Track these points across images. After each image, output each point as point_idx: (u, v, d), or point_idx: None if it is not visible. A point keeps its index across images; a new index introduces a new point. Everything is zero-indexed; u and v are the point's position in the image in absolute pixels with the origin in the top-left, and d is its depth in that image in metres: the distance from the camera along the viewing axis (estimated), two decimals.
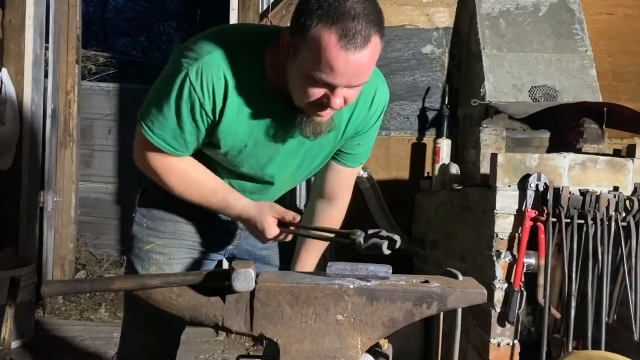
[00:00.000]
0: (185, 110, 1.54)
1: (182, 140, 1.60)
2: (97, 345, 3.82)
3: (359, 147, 1.77)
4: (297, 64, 1.44)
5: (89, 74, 6.32)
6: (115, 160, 6.07)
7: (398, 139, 3.98)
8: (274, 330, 1.44)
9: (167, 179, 1.67)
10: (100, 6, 11.85)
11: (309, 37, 1.38)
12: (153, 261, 1.84)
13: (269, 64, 1.55)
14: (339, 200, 1.87)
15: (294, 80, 1.48)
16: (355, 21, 1.35)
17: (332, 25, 1.35)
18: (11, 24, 3.90)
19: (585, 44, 3.52)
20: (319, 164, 1.78)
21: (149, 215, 1.85)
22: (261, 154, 1.66)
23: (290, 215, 1.63)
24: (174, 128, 1.57)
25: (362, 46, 1.37)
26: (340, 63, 1.37)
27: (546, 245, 2.38)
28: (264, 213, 1.64)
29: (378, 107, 1.70)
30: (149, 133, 1.59)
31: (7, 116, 3.70)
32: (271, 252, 1.99)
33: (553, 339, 2.47)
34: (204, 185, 1.68)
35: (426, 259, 3.57)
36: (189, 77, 1.51)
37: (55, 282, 2.51)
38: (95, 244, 6.05)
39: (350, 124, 1.68)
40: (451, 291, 1.45)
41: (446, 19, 3.96)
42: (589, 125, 2.99)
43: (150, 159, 1.65)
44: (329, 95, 1.44)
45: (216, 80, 1.51)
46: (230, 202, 1.68)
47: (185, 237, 1.85)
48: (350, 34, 1.35)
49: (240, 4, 3.97)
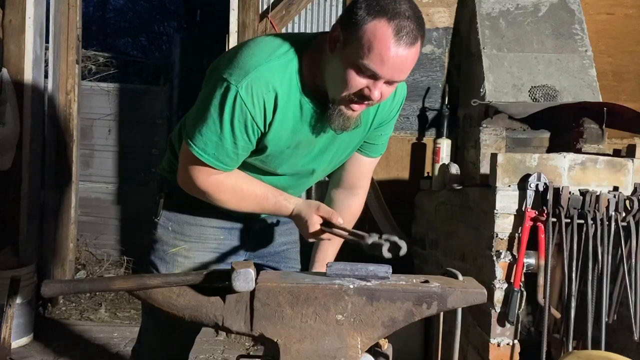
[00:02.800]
0: (239, 127, 1.57)
1: (235, 156, 1.64)
2: (97, 345, 3.82)
3: (381, 137, 1.85)
4: (345, 54, 1.50)
5: (89, 74, 6.32)
6: (115, 160, 6.06)
7: (398, 139, 3.98)
8: (274, 330, 1.44)
9: (220, 197, 1.71)
10: (100, 6, 11.85)
11: (364, 28, 1.45)
12: (178, 264, 1.87)
13: (306, 67, 1.60)
14: (359, 190, 1.94)
15: (336, 71, 1.52)
16: (408, 21, 1.45)
17: (390, 20, 1.44)
18: (11, 24, 3.90)
19: (585, 44, 3.52)
20: (347, 156, 1.84)
21: (175, 219, 1.87)
22: (299, 153, 1.71)
23: (336, 217, 1.68)
24: (229, 146, 1.60)
25: (410, 44, 1.46)
26: (391, 55, 1.45)
27: (546, 245, 2.38)
28: (310, 210, 1.70)
29: (399, 98, 1.79)
30: (202, 155, 1.61)
31: (7, 116, 3.70)
32: (290, 247, 2.03)
33: (553, 339, 2.47)
34: (254, 195, 1.73)
35: (426, 259, 3.57)
36: (239, 94, 1.54)
37: (55, 282, 2.51)
38: (95, 244, 6.05)
39: (377, 117, 1.76)
40: (451, 291, 1.45)
41: (446, 19, 3.96)
42: (589, 125, 2.99)
43: (200, 181, 1.67)
44: (370, 87, 1.51)
45: (266, 94, 1.56)
46: (281, 203, 1.74)
47: (210, 240, 1.88)
48: (404, 31, 1.45)
49: (240, 4, 3.97)
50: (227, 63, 1.59)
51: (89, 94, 5.86)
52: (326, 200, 1.95)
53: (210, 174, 1.65)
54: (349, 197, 1.93)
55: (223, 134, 1.58)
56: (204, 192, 1.69)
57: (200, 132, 1.60)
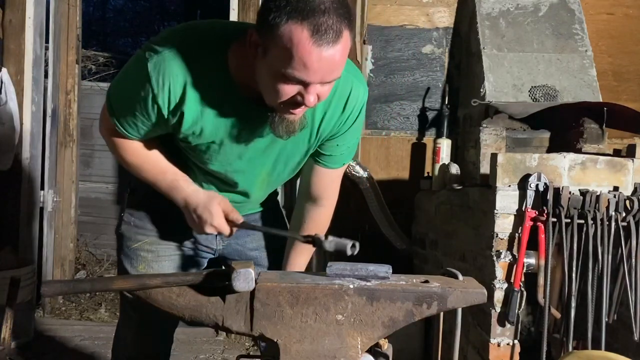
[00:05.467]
0: (137, 98, 1.55)
1: (134, 125, 1.61)
2: (97, 345, 3.82)
3: (338, 148, 1.73)
4: (267, 62, 1.40)
5: (89, 74, 6.32)
6: (115, 160, 6.06)
7: (398, 139, 3.98)
8: (274, 330, 1.44)
9: (122, 155, 1.70)
10: (100, 6, 11.86)
11: (279, 34, 1.34)
12: (141, 259, 1.85)
13: (233, 63, 1.54)
14: (324, 202, 1.84)
15: (265, 79, 1.44)
16: (325, 16, 1.32)
17: (303, 21, 1.31)
18: (11, 24, 3.90)
19: (585, 44, 3.52)
20: (297, 163, 1.77)
21: (137, 214, 1.87)
22: (230, 151, 1.65)
23: (235, 215, 1.63)
24: (127, 112, 1.59)
25: (334, 41, 1.34)
26: (314, 59, 1.34)
27: (546, 245, 2.38)
28: (213, 201, 1.63)
29: (355, 107, 1.66)
30: (109, 110, 1.63)
31: (7, 116, 3.70)
32: (261, 253, 1.98)
33: (553, 339, 2.47)
34: (154, 165, 1.70)
35: (426, 259, 3.57)
36: (147, 68, 1.51)
37: (55, 282, 2.52)
38: (95, 244, 6.05)
39: (324, 124, 1.65)
40: (451, 291, 1.45)
41: (446, 19, 3.96)
42: (589, 125, 2.99)
43: (109, 132, 1.68)
44: (303, 93, 1.41)
45: (173, 77, 1.51)
46: (179, 183, 1.67)
47: (173, 235, 1.86)
48: (322, 29, 1.32)
49: (240, 4, 3.97)
50: (156, 37, 1.58)
51: (89, 94, 5.85)
52: (295, 212, 1.91)
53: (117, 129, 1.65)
54: (314, 208, 1.85)
55: (125, 100, 1.59)
56: (111, 142, 1.69)
57: (113, 89, 1.63)
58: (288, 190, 3.86)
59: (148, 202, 1.84)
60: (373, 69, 3.88)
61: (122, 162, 1.73)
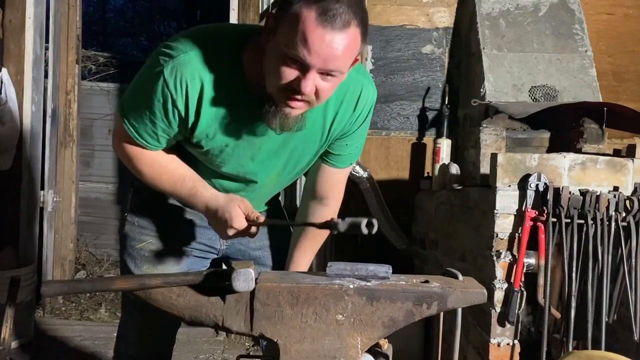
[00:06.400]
0: (158, 106, 1.54)
1: (154, 135, 1.61)
2: (97, 345, 3.82)
3: (347, 147, 1.75)
4: (274, 42, 1.42)
5: (89, 74, 6.33)
6: (115, 160, 6.07)
7: (398, 139, 3.98)
8: (274, 330, 1.44)
9: (139, 166, 1.68)
10: (100, 6, 11.86)
11: (290, 13, 1.38)
12: (145, 259, 1.85)
13: (248, 64, 1.55)
14: (330, 201, 1.85)
15: (269, 63, 1.45)
16: (338, 4, 1.36)
17: (315, 3, 1.35)
18: (11, 24, 3.90)
19: (585, 44, 3.52)
20: (307, 163, 1.78)
21: (141, 214, 1.86)
22: (242, 153, 1.66)
23: (255, 214, 1.61)
24: (147, 122, 1.58)
25: (339, 29, 1.36)
26: (315, 38, 1.36)
27: (546, 245, 2.38)
28: (233, 203, 1.61)
29: (365, 106, 1.69)
30: (125, 123, 1.61)
31: (7, 116, 3.70)
32: (264, 253, 1.98)
33: (553, 339, 2.47)
34: (173, 172, 1.68)
35: (426, 259, 3.57)
36: (163, 74, 1.51)
37: (55, 282, 2.51)
38: (95, 244, 6.06)
39: (335, 124, 1.67)
40: (451, 291, 1.45)
41: (446, 19, 3.96)
42: (589, 125, 2.98)
43: (124, 146, 1.66)
44: (301, 78, 1.41)
45: (190, 80, 1.51)
46: (198, 189, 1.66)
47: (178, 235, 1.86)
48: (330, 13, 1.35)
49: (240, 4, 3.97)
50: (168, 42, 1.57)
51: (88, 94, 5.86)
52: (300, 211, 1.91)
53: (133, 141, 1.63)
54: (319, 208, 1.85)
55: (143, 109, 1.57)
56: (127, 156, 1.67)
57: (127, 100, 1.61)
58: (288, 190, 3.86)
59: (152, 201, 1.84)
60: (373, 69, 3.88)
61: (140, 175, 1.70)
